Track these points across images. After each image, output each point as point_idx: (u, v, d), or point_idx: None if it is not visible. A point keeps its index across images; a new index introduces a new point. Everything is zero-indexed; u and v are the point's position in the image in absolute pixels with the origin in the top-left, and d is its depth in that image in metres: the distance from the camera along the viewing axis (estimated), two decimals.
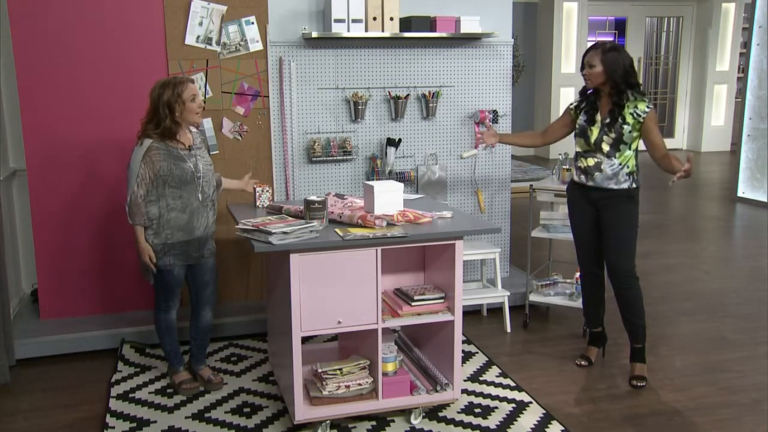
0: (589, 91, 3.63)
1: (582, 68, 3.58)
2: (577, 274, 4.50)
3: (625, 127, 3.50)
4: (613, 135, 3.52)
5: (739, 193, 8.34)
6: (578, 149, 3.69)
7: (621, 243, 3.61)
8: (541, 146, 4.19)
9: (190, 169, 3.28)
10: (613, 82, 3.47)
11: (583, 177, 3.66)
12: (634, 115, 3.49)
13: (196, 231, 3.35)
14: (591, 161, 3.61)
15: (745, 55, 8.65)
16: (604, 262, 3.75)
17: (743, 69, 8.61)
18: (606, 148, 3.55)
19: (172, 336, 3.54)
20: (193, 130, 3.43)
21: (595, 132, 3.58)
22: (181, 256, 3.36)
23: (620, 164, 3.55)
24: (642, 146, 3.60)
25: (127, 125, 4.10)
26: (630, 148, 3.55)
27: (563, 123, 3.79)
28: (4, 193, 4.19)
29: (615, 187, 3.57)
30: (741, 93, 8.62)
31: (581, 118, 3.66)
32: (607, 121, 3.53)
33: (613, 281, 3.68)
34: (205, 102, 3.73)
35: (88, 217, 4.16)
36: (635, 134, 3.52)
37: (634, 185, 3.60)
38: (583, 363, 3.86)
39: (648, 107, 3.50)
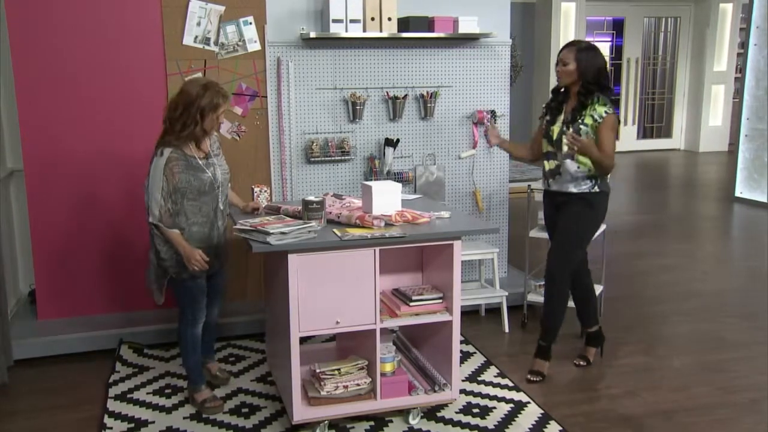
0: (561, 90, 3.60)
1: (556, 65, 3.57)
2: None
3: (583, 127, 3.45)
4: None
5: (737, 194, 8.35)
6: (543, 151, 3.65)
7: (566, 242, 3.57)
8: (532, 160, 3.89)
9: (209, 179, 3.18)
10: (584, 81, 3.44)
11: (546, 181, 3.65)
12: (594, 116, 3.44)
13: (213, 240, 3.27)
14: (552, 164, 3.58)
15: (742, 56, 8.67)
16: (583, 264, 3.76)
17: (741, 69, 8.62)
18: (566, 147, 3.51)
19: (197, 352, 3.39)
20: (212, 135, 3.31)
21: (556, 131, 3.55)
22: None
23: (579, 167, 3.49)
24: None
25: (125, 126, 4.11)
26: None
27: (541, 133, 3.72)
28: (1, 193, 4.19)
29: (575, 190, 3.52)
30: (739, 93, 8.63)
31: (546, 118, 3.63)
32: (569, 119, 3.50)
33: (546, 276, 3.69)
34: None
35: (85, 217, 4.16)
36: (593, 137, 3.45)
37: (596, 189, 3.52)
38: (581, 363, 3.86)
39: (607, 111, 3.44)
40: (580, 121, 3.46)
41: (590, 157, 3.44)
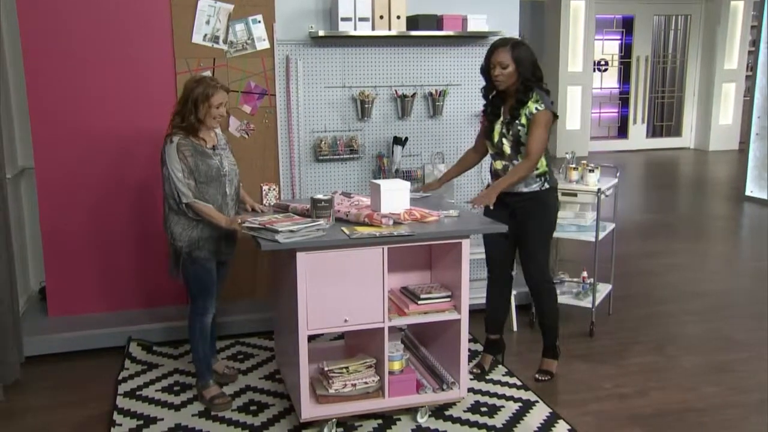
0: (492, 94, 3.46)
1: (487, 69, 3.37)
2: (584, 273, 4.51)
3: (521, 128, 3.36)
4: (511, 137, 3.40)
5: (747, 192, 8.30)
6: (490, 152, 3.58)
7: (533, 248, 3.53)
8: (479, 161, 3.76)
9: (216, 166, 3.25)
10: (523, 78, 3.31)
11: (495, 180, 3.56)
12: (527, 114, 3.34)
13: (222, 228, 3.30)
14: (499, 164, 3.51)
15: (753, 53, 8.62)
16: (512, 267, 3.70)
17: (752, 67, 8.57)
18: (507, 150, 3.43)
19: (206, 344, 3.42)
20: (218, 132, 3.39)
21: (496, 136, 3.47)
22: (213, 253, 3.33)
23: None
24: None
25: (134, 123, 4.13)
26: None
27: (484, 130, 3.61)
28: (12, 190, 4.21)
29: (525, 190, 3.45)
30: (749, 91, 8.58)
31: (485, 122, 3.55)
32: (507, 120, 3.41)
33: (528, 284, 3.67)
34: (228, 114, 3.76)
35: (95, 215, 4.18)
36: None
37: (546, 186, 3.47)
38: (475, 371, 3.75)
39: (537, 108, 3.31)
40: (518, 122, 3.36)
41: (508, 185, 3.37)
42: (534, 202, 3.47)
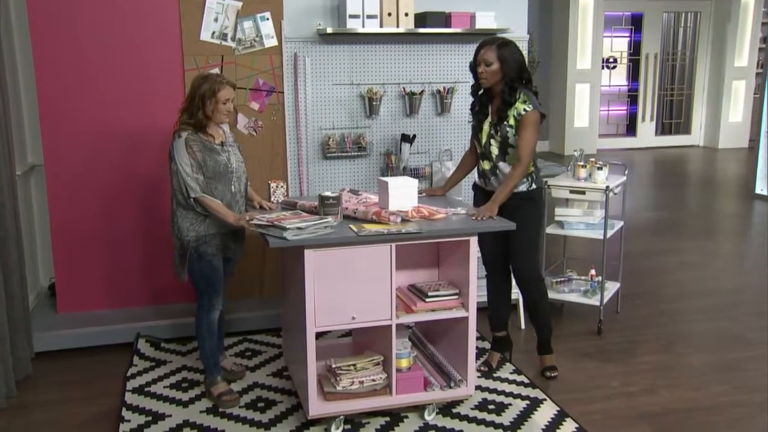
0: (480, 92, 3.47)
1: (475, 66, 3.40)
2: (592, 271, 4.50)
3: (509, 130, 3.35)
4: (499, 138, 3.40)
5: (757, 190, 8.25)
6: (477, 151, 3.57)
7: (523, 246, 3.51)
8: (476, 164, 3.70)
9: (224, 162, 3.27)
10: (507, 78, 3.31)
11: (482, 180, 3.57)
12: (515, 115, 3.34)
13: (230, 224, 3.31)
14: (487, 165, 3.50)
15: (764, 51, 8.56)
16: (508, 264, 3.68)
17: (762, 64, 8.51)
18: (494, 152, 3.43)
19: (214, 340, 3.43)
20: (226, 129, 3.42)
21: (483, 137, 3.46)
22: (220, 249, 3.34)
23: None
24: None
25: (142, 120, 4.14)
26: None
27: (473, 129, 3.63)
28: (22, 188, 4.23)
29: (514, 190, 3.43)
30: (760, 89, 8.52)
31: (474, 121, 3.55)
32: (495, 121, 3.41)
33: (518, 283, 3.66)
34: (236, 111, 3.78)
35: (104, 212, 4.19)
36: (517, 136, 3.36)
37: (533, 186, 3.48)
38: (483, 368, 3.74)
39: (526, 109, 3.32)
40: (506, 123, 3.36)
41: (507, 195, 3.34)
42: (522, 201, 3.47)
